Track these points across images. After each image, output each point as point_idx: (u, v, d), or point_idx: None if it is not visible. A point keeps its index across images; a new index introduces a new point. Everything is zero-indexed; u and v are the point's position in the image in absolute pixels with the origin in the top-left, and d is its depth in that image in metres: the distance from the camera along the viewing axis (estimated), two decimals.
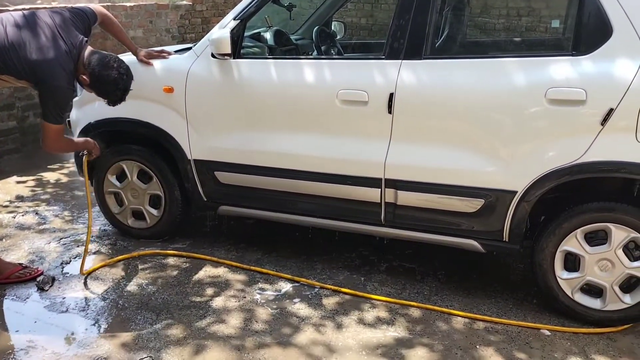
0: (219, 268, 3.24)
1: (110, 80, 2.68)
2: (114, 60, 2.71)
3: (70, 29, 2.72)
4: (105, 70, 2.67)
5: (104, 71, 2.67)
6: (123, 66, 2.73)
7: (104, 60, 2.69)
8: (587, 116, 2.46)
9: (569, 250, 2.65)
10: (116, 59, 2.74)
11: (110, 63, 2.68)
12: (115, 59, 2.73)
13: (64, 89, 2.65)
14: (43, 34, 2.62)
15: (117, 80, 2.69)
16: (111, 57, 2.74)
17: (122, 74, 2.70)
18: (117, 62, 2.72)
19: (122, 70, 2.71)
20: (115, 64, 2.70)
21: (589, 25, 2.51)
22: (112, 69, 2.67)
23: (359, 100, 2.84)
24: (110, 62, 2.69)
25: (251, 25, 3.60)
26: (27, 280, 3.04)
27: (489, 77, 2.63)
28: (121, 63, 2.74)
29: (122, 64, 2.74)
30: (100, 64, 2.67)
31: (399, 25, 2.80)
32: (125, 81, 2.73)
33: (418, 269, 3.25)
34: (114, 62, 2.70)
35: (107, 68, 2.67)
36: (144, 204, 3.52)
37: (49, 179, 4.75)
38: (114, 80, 2.68)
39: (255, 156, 3.13)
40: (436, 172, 2.78)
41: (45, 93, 2.64)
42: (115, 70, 2.68)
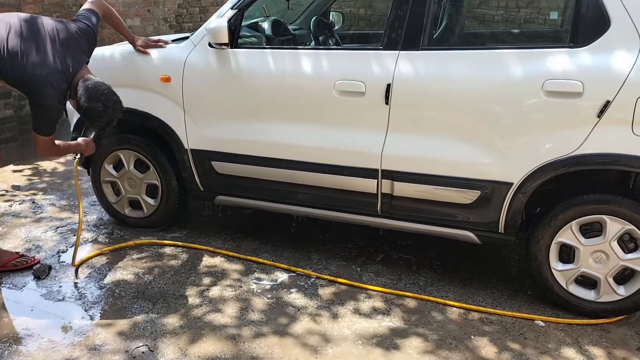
0: (215, 257, 3.24)
1: (95, 113, 2.64)
2: (102, 92, 2.65)
3: (71, 47, 2.68)
4: (91, 102, 2.62)
5: (90, 102, 2.62)
6: (111, 99, 2.67)
7: (92, 90, 2.63)
8: (583, 108, 2.46)
9: (564, 242, 2.66)
10: (104, 90, 2.66)
11: (97, 95, 2.63)
12: (103, 91, 2.66)
13: (54, 108, 2.65)
14: (41, 48, 2.59)
15: (100, 113, 2.64)
16: (100, 88, 2.66)
17: (108, 107, 2.64)
18: (105, 94, 2.65)
19: (108, 103, 2.65)
20: (102, 96, 2.64)
21: (587, 17, 2.51)
22: (98, 101, 2.62)
23: (356, 91, 2.84)
24: (97, 94, 2.63)
25: (249, 15, 3.59)
26: (24, 268, 3.05)
27: (487, 69, 2.63)
28: (109, 96, 2.67)
29: (110, 97, 2.67)
30: (87, 94, 2.62)
31: (396, 15, 2.80)
32: (110, 114, 2.67)
33: (414, 259, 3.26)
34: (101, 94, 2.64)
35: (92, 100, 2.62)
36: (141, 193, 3.52)
37: (45, 167, 4.74)
38: (97, 112, 2.64)
39: (252, 146, 3.13)
40: (433, 164, 2.78)
41: (34, 108, 2.66)
42: (100, 103, 2.62)
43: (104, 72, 3.36)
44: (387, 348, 2.47)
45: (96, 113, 2.65)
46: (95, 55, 3.44)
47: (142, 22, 6.69)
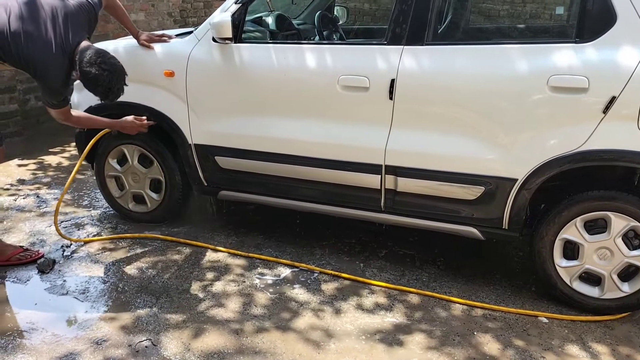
0: (218, 252, 3.25)
1: (91, 77, 2.61)
2: (99, 57, 2.60)
3: (70, 24, 2.68)
4: (87, 67, 2.59)
5: (86, 67, 2.59)
6: (108, 63, 2.62)
7: (89, 55, 2.60)
8: (589, 104, 2.45)
9: (568, 239, 2.65)
10: (101, 56, 2.62)
11: (92, 59, 2.58)
12: (100, 56, 2.61)
13: (57, 84, 2.67)
14: (42, 28, 2.61)
15: (97, 77, 2.60)
16: (97, 54, 2.61)
17: (104, 70, 2.59)
18: (101, 59, 2.61)
19: (105, 66, 2.60)
20: (98, 59, 2.59)
21: (593, 12, 2.49)
22: (94, 65, 2.58)
23: (360, 86, 2.82)
24: (93, 58, 2.59)
25: (253, 10, 3.58)
26: (28, 262, 3.06)
27: (491, 64, 2.61)
28: (105, 60, 2.62)
29: (107, 61, 2.62)
30: (84, 60, 2.59)
31: (401, 10, 2.78)
32: (106, 78, 2.61)
33: (417, 255, 3.26)
34: (97, 58, 2.59)
35: (89, 65, 2.58)
36: (144, 188, 3.53)
37: (50, 162, 4.75)
38: (94, 77, 2.60)
39: (255, 141, 3.13)
40: (437, 159, 2.77)
41: (42, 87, 2.72)
42: (96, 66, 2.58)
43: None
44: (390, 344, 2.47)
45: (93, 77, 2.60)
46: None
47: (147, 17, 6.69)
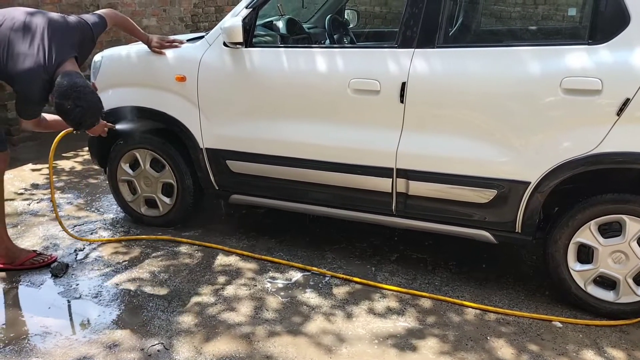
0: (230, 256, 3.25)
1: (63, 110, 2.58)
2: (75, 90, 2.54)
3: (57, 39, 2.65)
4: (61, 99, 2.54)
5: (60, 99, 2.55)
6: (83, 99, 2.56)
7: (65, 87, 2.54)
8: (602, 106, 2.42)
9: (582, 242, 2.62)
10: (78, 89, 2.56)
11: (68, 92, 2.53)
12: (77, 89, 2.55)
13: (36, 99, 2.66)
14: (30, 41, 2.59)
15: (68, 111, 2.57)
16: (75, 86, 2.55)
17: (78, 106, 2.55)
18: (77, 93, 2.55)
19: (79, 102, 2.55)
20: (74, 94, 2.54)
21: (606, 13, 2.46)
22: (69, 99, 2.53)
23: (370, 89, 2.82)
24: (69, 91, 2.53)
25: (263, 14, 3.59)
26: (41, 266, 3.08)
27: (503, 66, 2.60)
28: (81, 95, 2.55)
29: (82, 97, 2.56)
30: (59, 90, 2.55)
31: (412, 13, 2.77)
32: (78, 114, 2.58)
33: (429, 259, 3.24)
34: (74, 91, 2.54)
35: (63, 97, 2.54)
36: (156, 192, 3.54)
37: (63, 166, 4.79)
38: (66, 110, 2.57)
39: (266, 145, 3.13)
40: (448, 162, 2.76)
41: (19, 98, 2.71)
42: (70, 101, 2.54)
43: (120, 72, 3.41)
44: (403, 348, 2.46)
45: (65, 110, 2.58)
46: (111, 55, 3.49)
47: (158, 22, 6.73)
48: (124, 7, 6.24)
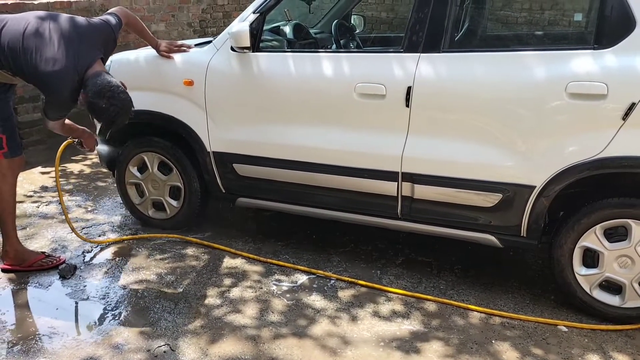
0: (236, 259, 3.27)
1: (98, 108, 2.63)
2: (109, 90, 2.61)
3: (85, 42, 2.71)
4: (96, 98, 2.61)
5: (95, 98, 2.61)
6: (117, 98, 2.63)
7: (100, 87, 2.61)
8: (608, 110, 2.43)
9: (587, 247, 2.62)
10: (112, 88, 2.63)
11: (103, 92, 2.60)
12: (111, 89, 2.62)
13: (66, 100, 2.70)
14: (55, 43, 2.63)
15: (103, 110, 2.63)
16: (109, 85, 2.63)
17: (112, 104, 2.61)
18: (112, 92, 2.62)
19: (114, 101, 2.62)
20: (108, 93, 2.60)
21: (612, 18, 2.47)
22: (104, 97, 2.60)
23: (376, 93, 2.84)
24: (104, 90, 2.60)
25: (271, 19, 3.62)
26: (50, 268, 3.11)
27: (509, 71, 2.61)
28: (115, 94, 2.62)
29: (116, 96, 2.63)
30: (94, 89, 2.61)
31: (417, 18, 2.79)
32: (112, 113, 2.64)
33: (434, 262, 3.24)
34: (108, 91, 2.61)
35: (98, 96, 2.60)
36: (164, 195, 3.57)
37: (72, 169, 4.84)
38: (100, 109, 2.63)
39: (273, 149, 3.16)
40: (454, 166, 2.77)
41: (48, 99, 2.77)
42: (106, 99, 2.60)
43: (129, 76, 3.43)
44: (407, 351, 2.47)
45: (99, 109, 2.63)
46: (120, 60, 3.53)
47: (167, 27, 6.79)
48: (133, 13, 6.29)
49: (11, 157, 2.90)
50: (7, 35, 2.65)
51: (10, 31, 2.66)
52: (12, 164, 2.93)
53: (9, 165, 2.91)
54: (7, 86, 2.86)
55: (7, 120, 2.86)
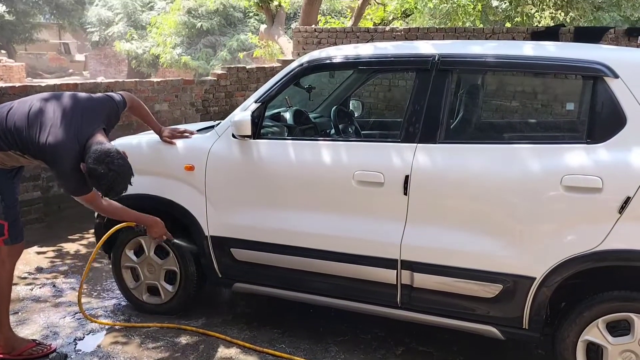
0: (230, 349, 3.18)
1: (96, 175, 2.66)
2: (108, 156, 2.66)
3: (87, 115, 2.79)
4: (94, 164, 2.64)
5: (93, 164, 2.64)
6: (115, 164, 2.66)
7: (98, 153, 2.66)
8: (604, 203, 2.46)
9: (590, 340, 2.57)
10: (111, 155, 2.67)
11: (101, 158, 2.64)
12: (109, 155, 2.67)
13: (69, 171, 2.74)
14: (58, 118, 2.72)
15: (101, 176, 2.65)
16: (107, 152, 2.67)
17: (111, 170, 2.65)
18: (110, 158, 2.66)
19: (112, 167, 2.65)
20: (107, 159, 2.65)
21: (603, 113, 2.56)
22: (102, 164, 2.64)
23: (375, 181, 2.88)
24: (102, 156, 2.65)
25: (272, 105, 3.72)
26: (40, 357, 3.01)
27: (504, 163, 2.66)
28: (113, 160, 2.66)
29: (114, 162, 2.67)
30: (93, 156, 2.66)
31: (414, 110, 2.88)
32: (111, 179, 2.67)
33: (435, 353, 3.16)
34: (106, 157, 2.65)
35: (96, 162, 2.64)
36: (159, 279, 3.53)
37: (68, 249, 4.80)
38: (99, 175, 2.65)
39: (271, 234, 3.15)
40: (453, 255, 2.76)
41: (59, 175, 2.83)
42: (104, 165, 2.64)
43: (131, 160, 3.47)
44: None
45: (98, 175, 2.65)
46: (123, 144, 3.58)
47: (170, 107, 6.96)
48: (138, 94, 6.47)
49: (12, 244, 2.90)
50: (13, 116, 2.76)
51: (17, 113, 2.77)
52: (12, 251, 2.93)
53: (8, 252, 2.91)
54: (14, 171, 2.92)
55: (12, 208, 2.89)
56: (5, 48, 29.76)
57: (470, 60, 2.94)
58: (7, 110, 2.80)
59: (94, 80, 6.18)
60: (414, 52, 3.09)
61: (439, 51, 2.91)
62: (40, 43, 33.30)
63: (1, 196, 2.83)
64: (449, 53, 2.93)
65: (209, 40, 24.37)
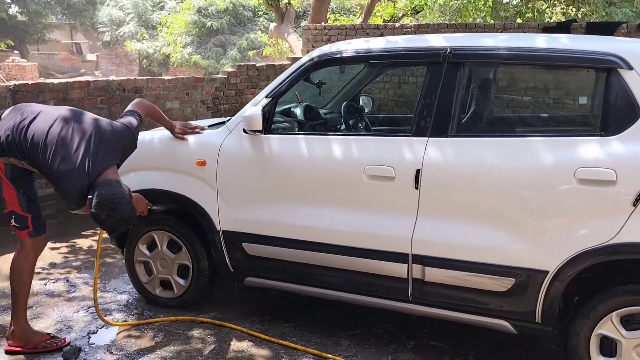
0: (243, 342, 3.20)
1: (98, 219, 2.70)
2: (112, 202, 2.67)
3: (103, 148, 2.78)
4: (97, 209, 2.67)
5: (96, 209, 2.67)
6: (118, 210, 2.68)
7: (103, 198, 2.67)
8: (618, 196, 2.44)
9: (604, 334, 2.55)
10: (115, 201, 2.68)
11: (105, 204, 2.66)
12: (113, 201, 2.67)
13: (72, 198, 2.77)
14: (74, 146, 2.72)
15: (103, 221, 2.69)
16: (111, 197, 2.67)
17: (112, 217, 2.67)
18: (114, 204, 2.67)
19: (114, 214, 2.67)
20: (110, 205, 2.66)
21: (617, 105, 2.54)
22: (105, 210, 2.66)
23: (385, 175, 2.87)
24: (106, 202, 2.66)
25: (282, 101, 3.73)
26: (54, 350, 3.05)
27: (517, 156, 2.65)
28: (116, 206, 2.67)
29: (117, 208, 2.68)
30: (97, 199, 2.67)
31: (425, 104, 2.87)
32: (112, 224, 2.71)
33: (447, 348, 3.15)
34: (110, 203, 2.66)
35: (99, 207, 2.66)
36: (172, 274, 3.55)
37: (81, 245, 4.84)
38: (101, 220, 2.69)
39: (282, 229, 3.16)
40: (464, 249, 2.75)
41: (60, 194, 2.84)
42: (106, 212, 2.66)
43: (142, 156, 3.51)
44: None
45: (100, 220, 2.69)
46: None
47: (181, 105, 7.00)
48: (149, 92, 6.52)
49: (36, 236, 2.96)
50: (33, 129, 2.75)
51: (37, 127, 2.76)
52: (36, 243, 2.98)
53: (32, 244, 2.96)
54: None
55: (33, 201, 2.94)
56: (18, 48, 30.01)
57: (482, 53, 2.93)
58: (29, 120, 2.78)
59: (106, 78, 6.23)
60: (425, 45, 3.08)
61: (451, 44, 2.91)
62: (52, 43, 33.56)
63: (22, 189, 2.89)
64: (461, 46, 2.92)
65: (218, 39, 24.44)
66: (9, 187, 2.86)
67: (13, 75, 20.65)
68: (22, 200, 2.88)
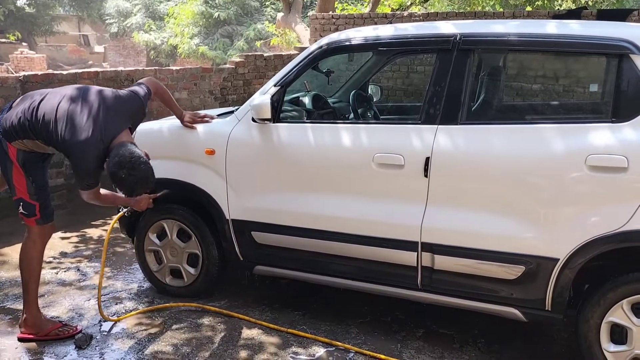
0: (252, 329, 3.21)
1: (117, 179, 2.73)
2: (130, 160, 2.70)
3: (113, 114, 2.83)
4: (116, 168, 2.69)
5: (115, 168, 2.70)
6: (137, 169, 2.71)
7: (121, 157, 2.70)
8: (629, 183, 2.42)
9: (615, 322, 2.54)
10: (133, 159, 2.71)
11: (123, 162, 2.69)
12: (131, 160, 2.70)
13: (90, 169, 2.80)
14: (85, 116, 2.77)
15: (122, 180, 2.72)
16: (130, 156, 2.71)
17: (131, 175, 2.70)
18: (132, 163, 2.70)
19: (133, 172, 2.70)
20: (128, 164, 2.69)
21: (629, 91, 2.51)
22: (123, 169, 2.68)
23: (395, 163, 2.87)
24: (124, 161, 2.69)
25: (290, 90, 3.72)
26: (66, 337, 3.08)
27: (527, 143, 2.63)
28: (135, 165, 2.70)
29: (136, 167, 2.71)
30: (115, 159, 2.70)
31: (434, 91, 2.85)
32: (131, 182, 2.73)
33: (456, 335, 3.15)
34: (128, 162, 2.69)
35: (118, 166, 2.69)
36: (182, 262, 3.57)
37: (91, 235, 4.88)
38: (120, 179, 2.72)
39: (292, 217, 3.17)
40: (474, 237, 2.74)
41: (75, 169, 2.87)
42: (125, 170, 2.69)
43: (152, 145, 3.52)
44: None
45: (119, 179, 2.72)
46: (144, 129, 3.62)
47: (189, 95, 7.00)
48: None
49: (43, 224, 2.99)
50: (43, 108, 2.82)
51: (47, 105, 2.83)
52: (43, 231, 3.02)
53: (39, 232, 3.00)
54: (44, 156, 2.98)
55: (42, 189, 2.98)
56: (26, 40, 30.11)
57: (493, 39, 2.90)
58: (39, 100, 2.86)
59: (114, 69, 6.25)
60: (434, 32, 3.06)
61: (461, 30, 2.88)
62: (60, 35, 33.62)
63: (31, 177, 2.92)
64: (471, 32, 2.89)
65: (226, 30, 24.38)
66: (20, 173, 2.89)
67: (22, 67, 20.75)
68: (31, 188, 2.92)
